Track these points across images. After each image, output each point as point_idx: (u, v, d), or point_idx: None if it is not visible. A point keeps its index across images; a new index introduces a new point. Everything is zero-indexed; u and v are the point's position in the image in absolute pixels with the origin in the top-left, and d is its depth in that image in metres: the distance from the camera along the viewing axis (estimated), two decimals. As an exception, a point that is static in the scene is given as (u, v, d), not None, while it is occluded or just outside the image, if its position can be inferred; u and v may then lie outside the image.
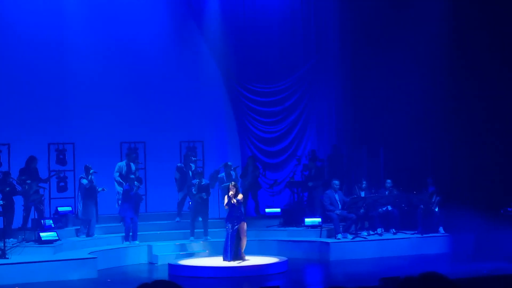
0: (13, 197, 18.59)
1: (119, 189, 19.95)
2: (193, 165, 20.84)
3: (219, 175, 20.77)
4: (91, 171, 19.19)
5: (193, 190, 19.86)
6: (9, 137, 19.97)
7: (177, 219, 20.76)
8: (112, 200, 20.22)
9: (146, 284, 5.27)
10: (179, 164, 21.03)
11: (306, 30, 23.45)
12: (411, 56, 22.27)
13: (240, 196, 17.54)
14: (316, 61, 23.47)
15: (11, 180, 18.53)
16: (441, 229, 20.18)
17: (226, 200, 17.51)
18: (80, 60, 21.30)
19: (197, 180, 19.93)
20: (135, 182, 19.57)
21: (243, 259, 17.47)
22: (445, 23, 21.99)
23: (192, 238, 19.80)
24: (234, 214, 17.46)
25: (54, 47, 21.13)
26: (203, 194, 19.90)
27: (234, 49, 22.80)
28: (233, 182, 17.91)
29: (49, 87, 21.08)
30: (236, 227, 17.42)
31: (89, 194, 19.22)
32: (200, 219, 20.05)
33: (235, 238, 17.44)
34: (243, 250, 17.56)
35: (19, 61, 20.80)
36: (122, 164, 20.31)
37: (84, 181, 19.12)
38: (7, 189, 17.97)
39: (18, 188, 18.69)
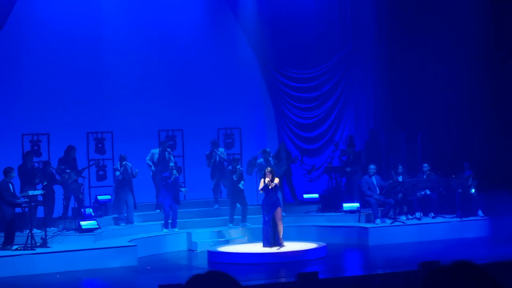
0: (53, 187, 18.80)
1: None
2: (219, 151, 20.82)
3: (258, 161, 20.80)
4: (124, 162, 19.29)
5: (234, 177, 19.92)
6: (49, 127, 20.24)
7: (216, 206, 20.85)
8: (149, 188, 20.33)
9: (199, 275, 4.93)
10: (207, 152, 21.09)
11: (342, 15, 23.35)
12: (448, 41, 22.13)
13: (276, 180, 17.53)
14: (353, 46, 23.36)
15: (51, 169, 18.74)
16: (480, 213, 20.08)
17: (261, 185, 17.49)
18: (118, 50, 21.47)
19: (237, 167, 20.00)
20: (174, 171, 19.66)
21: (281, 245, 17.49)
22: (483, 8, 21.77)
23: (230, 225, 19.90)
24: (270, 199, 17.46)
25: (92, 39, 21.32)
26: (241, 182, 19.98)
27: (270, 36, 22.78)
28: (269, 168, 17.94)
29: (87, 77, 21.28)
30: (272, 213, 17.41)
31: (123, 183, 19.31)
32: (239, 205, 20.12)
33: (271, 224, 17.45)
34: (281, 236, 17.55)
35: (58, 53, 21.02)
36: (156, 151, 20.38)
37: (117, 173, 19.27)
38: (45, 183, 18.12)
39: (58, 177, 18.91)
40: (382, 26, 23.26)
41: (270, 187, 17.39)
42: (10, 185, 17.26)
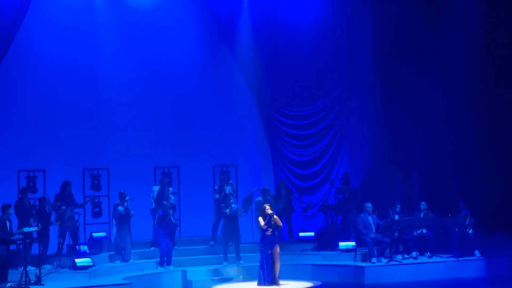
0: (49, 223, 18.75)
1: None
2: (228, 188, 20.85)
3: (256, 199, 20.74)
4: (127, 198, 19.28)
5: (227, 211, 19.89)
6: (45, 163, 20.24)
7: (211, 242, 20.76)
8: (146, 226, 20.25)
9: None
10: (216, 187, 21.11)
11: (338, 53, 23.42)
12: (444, 77, 22.23)
13: (277, 221, 17.38)
14: (349, 83, 23.42)
15: (47, 207, 18.67)
16: (476, 252, 19.98)
17: (262, 222, 17.31)
18: (114, 86, 21.53)
19: (230, 201, 19.99)
20: (170, 211, 19.62)
21: (277, 284, 17.36)
22: (478, 43, 21.90)
23: (225, 263, 19.78)
24: (268, 237, 17.32)
25: (88, 74, 21.38)
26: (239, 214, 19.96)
27: (266, 73, 22.82)
28: (268, 204, 17.84)
29: (83, 113, 21.32)
30: (270, 251, 17.29)
31: (124, 220, 19.29)
32: (231, 243, 20.03)
33: (270, 262, 17.31)
34: (277, 274, 17.40)
35: (54, 89, 21.08)
36: (156, 188, 20.41)
37: (121, 208, 19.20)
38: (39, 226, 17.95)
39: (53, 217, 18.84)
40: (378, 62, 23.36)
41: (272, 222, 17.19)
42: (7, 222, 17.19)
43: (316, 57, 23.33)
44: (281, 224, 17.62)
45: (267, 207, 17.41)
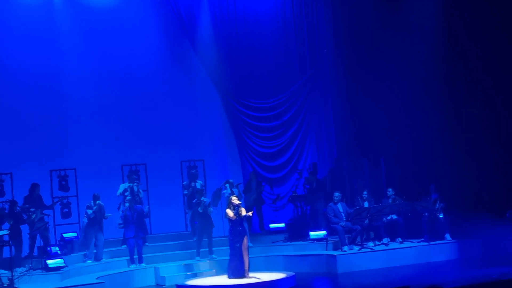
0: (20, 226, 18.58)
1: (121, 213, 19.91)
2: (199, 182, 20.84)
3: (223, 192, 20.74)
4: (97, 202, 19.17)
5: (199, 209, 19.85)
6: (11, 165, 20.08)
7: (195, 238, 20.56)
8: (116, 224, 20.16)
9: None
10: (184, 183, 21.09)
11: (300, 43, 23.50)
12: (407, 63, 22.36)
13: (243, 211, 17.38)
14: (312, 73, 23.50)
15: (17, 209, 18.54)
16: (447, 236, 20.16)
17: (231, 213, 17.26)
18: (77, 86, 21.41)
19: (205, 199, 19.97)
20: (126, 204, 19.46)
21: (247, 276, 17.30)
22: (439, 28, 22.10)
23: (198, 257, 19.76)
24: (236, 229, 17.28)
25: (50, 75, 21.23)
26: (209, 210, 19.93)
27: (229, 66, 22.83)
28: (233, 196, 17.82)
29: (47, 114, 21.15)
30: (239, 244, 17.23)
31: (93, 222, 19.18)
32: (204, 238, 20.01)
33: (239, 254, 17.27)
34: (247, 267, 17.36)
35: (17, 91, 20.90)
36: (124, 185, 20.30)
37: (89, 211, 19.11)
38: (11, 222, 17.89)
39: (24, 217, 18.69)
40: (339, 52, 23.47)
41: (241, 213, 17.17)
42: (-25, 227, 17.06)
43: (278, 48, 23.38)
44: (249, 214, 17.63)
45: (234, 198, 17.40)
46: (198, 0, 22.71)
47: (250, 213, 17.75)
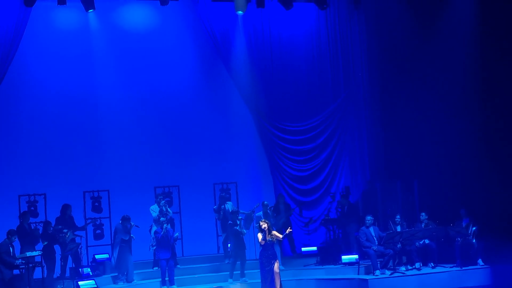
0: (54, 246, 18.76)
1: (153, 235, 19.97)
2: (230, 203, 20.88)
3: (256, 214, 20.74)
4: (132, 224, 19.25)
5: (237, 228, 19.87)
6: (45, 187, 20.32)
7: (227, 260, 20.60)
8: (148, 246, 20.22)
9: None
10: (214, 207, 21.13)
11: (334, 66, 23.52)
12: (441, 86, 22.29)
13: (275, 233, 17.34)
14: (345, 96, 23.49)
15: (51, 230, 18.72)
16: (480, 261, 19.95)
17: (260, 237, 17.28)
18: (111, 108, 21.63)
19: (239, 217, 20.00)
20: (164, 225, 19.50)
21: (280, 299, 17.26)
22: (473, 49, 21.97)
23: (230, 280, 19.75)
24: (267, 253, 17.24)
25: (86, 97, 21.50)
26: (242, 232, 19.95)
27: (263, 89, 22.89)
28: (262, 220, 17.78)
29: (81, 136, 21.39)
30: (269, 267, 17.18)
31: (125, 244, 19.26)
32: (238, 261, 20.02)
33: (271, 277, 17.23)
34: (279, 290, 17.32)
35: (53, 113, 21.21)
36: (154, 207, 20.34)
37: (122, 234, 19.18)
38: (45, 242, 18.10)
39: (57, 237, 18.87)
40: (373, 75, 23.43)
41: (268, 238, 17.17)
42: (10, 247, 17.25)
43: (312, 71, 23.41)
44: (280, 237, 17.58)
45: (262, 222, 17.38)
46: (233, 23, 22.77)
47: (288, 231, 17.64)
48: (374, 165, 23.28)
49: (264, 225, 17.11)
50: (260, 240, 17.15)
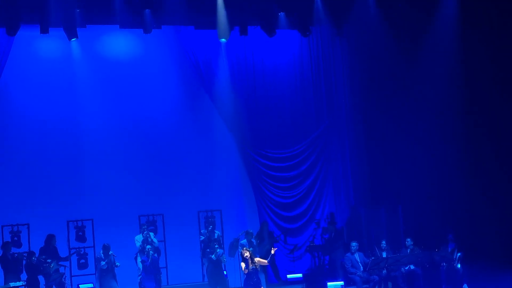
0: (38, 277, 18.62)
1: (140, 265, 19.89)
2: (217, 233, 20.82)
3: (240, 242, 20.68)
4: (110, 252, 19.18)
5: (213, 257, 19.80)
6: (28, 216, 20.18)
7: None
8: (133, 275, 20.11)
9: None
10: (203, 231, 21.07)
11: (317, 93, 23.57)
12: (424, 112, 22.38)
13: (258, 260, 17.24)
14: (329, 123, 23.53)
15: (34, 260, 18.58)
16: (465, 286, 19.93)
17: (243, 266, 17.21)
18: (94, 137, 21.56)
19: (215, 246, 19.92)
20: (151, 253, 19.41)
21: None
22: (455, 75, 22.10)
23: (212, 308, 19.68)
24: (251, 280, 17.14)
25: (68, 126, 21.43)
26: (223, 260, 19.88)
27: (246, 117, 22.90)
28: (244, 248, 17.71)
29: (64, 165, 21.29)
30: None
31: (105, 273, 19.16)
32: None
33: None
34: (263, 319, 17.22)
35: (35, 142, 21.11)
36: (139, 237, 20.26)
37: (102, 263, 19.11)
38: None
39: (41, 268, 18.73)
40: (356, 101, 23.50)
41: (252, 266, 17.06)
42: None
43: (295, 98, 23.47)
44: (265, 262, 17.49)
45: (242, 251, 17.29)
46: (216, 51, 22.82)
47: (273, 251, 17.51)
48: (358, 191, 23.29)
49: (246, 254, 17.00)
50: (243, 269, 17.06)
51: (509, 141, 21.36)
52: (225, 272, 20.40)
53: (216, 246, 20.13)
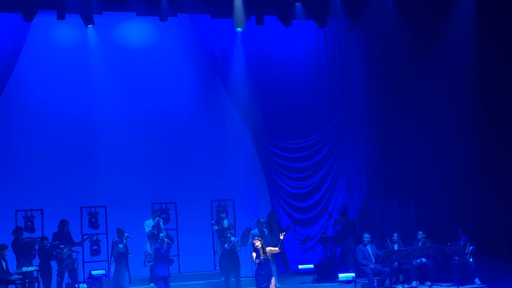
0: (50, 262, 18.72)
1: (148, 249, 19.94)
2: (226, 221, 20.82)
3: (252, 232, 20.71)
4: (126, 234, 19.23)
5: (226, 246, 19.83)
6: (42, 202, 20.30)
7: (223, 278, 20.55)
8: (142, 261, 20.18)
9: None
10: (212, 222, 21.11)
11: (332, 85, 23.55)
12: (439, 105, 22.32)
13: (269, 249, 17.23)
14: (343, 114, 23.50)
15: (47, 245, 18.67)
16: (477, 280, 19.90)
17: (254, 255, 17.20)
18: (109, 125, 21.64)
19: (228, 235, 19.94)
20: (165, 239, 19.42)
21: (275, 316, 17.14)
22: (471, 68, 22.02)
23: (225, 297, 19.72)
24: (263, 270, 17.14)
25: (84, 113, 21.54)
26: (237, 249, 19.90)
27: (261, 107, 22.90)
28: (256, 237, 17.71)
29: (79, 152, 21.39)
30: (264, 284, 17.09)
31: (122, 257, 19.21)
32: (232, 277, 19.96)
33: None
34: (274, 307, 17.22)
35: (50, 129, 21.23)
36: (149, 222, 20.28)
37: (120, 246, 19.13)
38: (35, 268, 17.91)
39: (54, 253, 18.82)
40: (371, 93, 23.45)
41: (262, 257, 17.08)
42: (3, 262, 17.18)
43: (310, 89, 23.44)
44: (276, 249, 17.50)
45: (254, 241, 17.30)
46: (232, 40, 22.81)
47: (281, 236, 17.54)
48: (371, 183, 23.26)
49: (257, 243, 17.01)
50: (254, 259, 17.08)
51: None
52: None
53: (229, 234, 20.14)
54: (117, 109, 21.81)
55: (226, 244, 19.89)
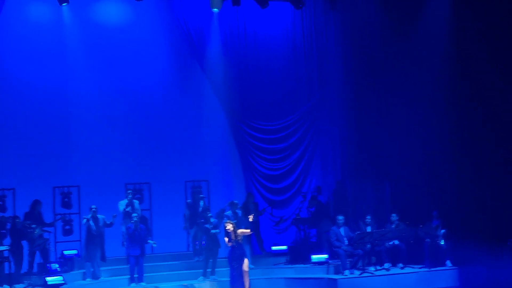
0: (21, 242, 18.63)
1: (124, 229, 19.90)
2: (201, 202, 20.79)
3: (225, 213, 20.68)
4: (93, 208, 19.09)
5: (208, 226, 19.79)
6: (14, 181, 20.17)
7: (196, 258, 20.55)
8: (119, 242, 20.11)
9: None
10: (188, 201, 21.05)
11: (309, 66, 23.52)
12: (415, 88, 22.34)
13: (241, 231, 17.25)
14: (319, 97, 23.49)
15: (19, 225, 18.58)
16: (448, 262, 20.01)
17: (226, 239, 17.25)
18: (83, 104, 21.51)
19: (209, 215, 19.91)
20: (136, 219, 19.35)
21: (247, 298, 17.20)
22: (447, 52, 22.06)
23: (201, 277, 19.68)
24: (236, 252, 17.20)
25: (57, 92, 21.36)
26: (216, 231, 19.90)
27: (237, 88, 22.87)
28: (227, 221, 17.73)
29: (52, 131, 21.24)
30: (237, 265, 17.14)
31: (92, 236, 19.12)
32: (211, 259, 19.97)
33: (239, 276, 17.20)
34: (247, 288, 17.28)
35: (23, 107, 21.05)
36: (123, 202, 20.20)
37: (83, 221, 19.04)
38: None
39: (25, 232, 18.74)
40: (348, 76, 23.45)
41: (234, 239, 17.11)
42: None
43: (287, 71, 23.41)
44: (248, 231, 17.53)
45: (225, 224, 17.31)
46: (208, 21, 22.73)
47: (250, 219, 17.57)
48: (346, 165, 23.31)
49: (229, 227, 17.04)
50: (226, 242, 17.11)
51: (499, 119, 21.35)
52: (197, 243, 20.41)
53: (210, 214, 20.08)
54: (91, 88, 21.68)
55: (208, 225, 19.83)
